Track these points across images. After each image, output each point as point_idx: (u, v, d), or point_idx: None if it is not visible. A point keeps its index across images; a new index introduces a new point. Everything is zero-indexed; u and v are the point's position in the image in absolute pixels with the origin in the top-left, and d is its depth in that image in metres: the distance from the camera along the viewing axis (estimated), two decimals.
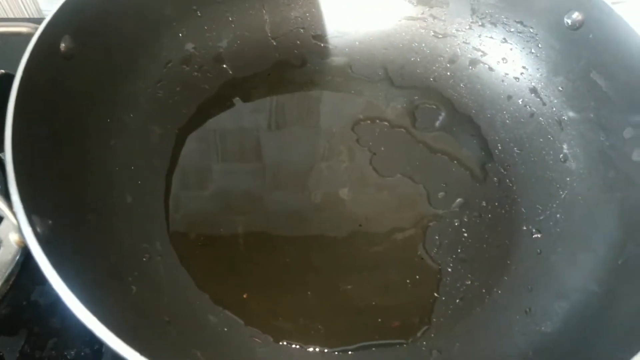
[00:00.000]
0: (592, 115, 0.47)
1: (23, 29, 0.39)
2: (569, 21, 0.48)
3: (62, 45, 0.39)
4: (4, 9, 0.70)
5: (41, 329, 0.42)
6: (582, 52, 0.48)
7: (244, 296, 0.41)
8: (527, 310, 0.40)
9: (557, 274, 0.42)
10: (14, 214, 0.30)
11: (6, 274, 0.43)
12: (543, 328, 0.39)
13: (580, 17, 0.47)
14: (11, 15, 0.71)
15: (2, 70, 0.43)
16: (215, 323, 0.39)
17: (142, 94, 0.48)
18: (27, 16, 0.71)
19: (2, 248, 0.44)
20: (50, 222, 0.32)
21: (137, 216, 0.43)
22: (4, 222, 0.45)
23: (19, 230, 0.29)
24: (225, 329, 0.39)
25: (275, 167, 0.50)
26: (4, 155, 0.32)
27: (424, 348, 0.39)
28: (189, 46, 0.52)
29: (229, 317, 0.40)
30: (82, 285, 0.30)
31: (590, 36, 0.46)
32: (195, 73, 0.52)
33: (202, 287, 0.41)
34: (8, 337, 0.41)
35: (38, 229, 0.30)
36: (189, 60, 0.52)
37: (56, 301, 0.42)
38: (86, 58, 0.42)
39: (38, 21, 0.38)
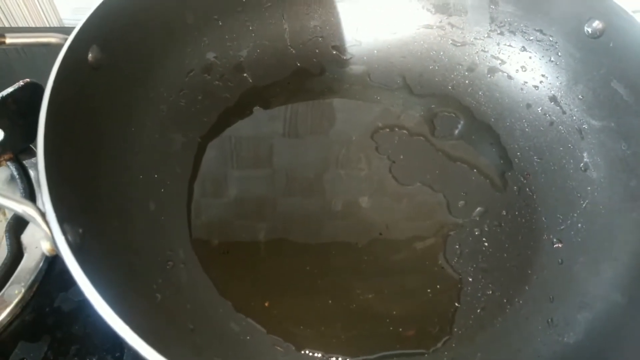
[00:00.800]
0: (612, 124, 0.47)
1: (52, 39, 0.40)
2: (589, 30, 0.48)
3: (90, 56, 0.40)
4: (25, 18, 0.71)
5: (64, 336, 0.43)
6: (602, 61, 0.47)
7: (266, 304, 0.41)
8: (549, 320, 0.40)
9: (579, 284, 0.41)
10: (47, 222, 0.30)
11: (30, 281, 0.44)
12: (566, 339, 0.38)
13: (600, 26, 0.47)
14: (32, 25, 0.72)
15: (28, 80, 0.44)
16: (238, 331, 0.39)
17: (164, 102, 0.49)
18: (48, 25, 0.72)
19: (26, 255, 0.45)
20: (80, 230, 0.32)
21: (160, 223, 0.43)
22: (28, 229, 0.46)
23: (52, 238, 0.30)
24: (248, 337, 0.39)
25: (294, 174, 0.50)
26: (37, 164, 0.33)
27: (445, 358, 0.39)
28: (211, 55, 0.53)
29: (251, 325, 0.40)
30: (111, 293, 0.31)
31: (611, 45, 0.46)
32: (217, 82, 0.53)
33: (225, 294, 0.41)
34: (31, 343, 0.41)
35: (69, 237, 0.31)
36: (211, 69, 0.53)
37: (79, 308, 0.44)
38: (112, 68, 0.42)
39: (61, 30, 0.39)
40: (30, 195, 0.47)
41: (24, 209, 0.31)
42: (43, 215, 0.31)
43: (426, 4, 0.56)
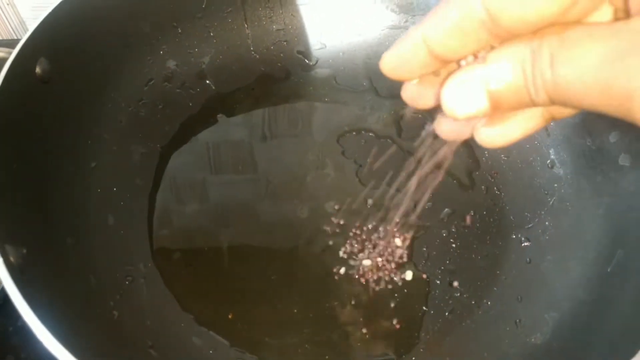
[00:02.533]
0: (577, 119, 0.46)
1: None
2: None
3: (38, 69, 0.39)
4: None
5: (28, 356, 0.41)
6: None
7: (229, 316, 0.40)
8: (517, 321, 0.40)
9: (547, 283, 0.41)
10: None
11: None
12: (533, 340, 0.38)
13: None
14: None
15: None
16: (200, 345, 0.38)
17: (123, 113, 0.48)
18: (13, 36, 0.71)
19: None
20: (24, 250, 0.31)
21: (120, 238, 0.42)
22: None
23: None
24: (211, 352, 0.38)
25: (260, 181, 0.49)
26: None
27: None
28: (171, 63, 0.52)
29: (214, 339, 0.39)
30: (59, 315, 0.30)
31: None
32: (178, 90, 0.52)
33: (187, 308, 0.40)
34: None
35: (11, 259, 0.29)
36: (171, 77, 0.52)
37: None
38: (64, 80, 0.41)
39: (6, 44, 0.38)
40: None
41: None
42: None
43: (390, 4, 0.56)
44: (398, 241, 0.44)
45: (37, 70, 0.39)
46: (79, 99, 0.43)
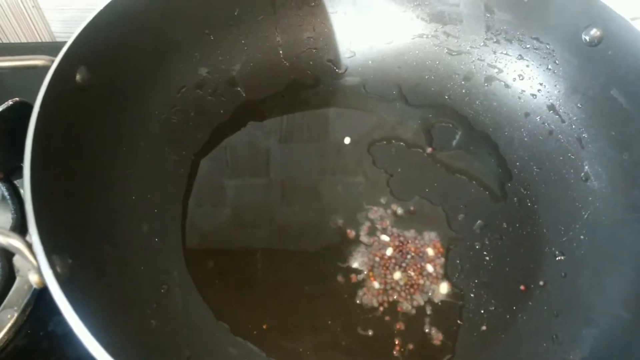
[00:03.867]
0: (613, 133, 0.46)
1: (39, 62, 0.39)
2: (587, 37, 0.47)
3: (78, 77, 0.39)
4: (16, 33, 0.70)
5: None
6: (601, 69, 0.47)
7: (264, 326, 0.40)
8: (554, 337, 0.39)
9: (584, 299, 0.41)
10: (34, 254, 0.29)
11: (23, 304, 0.43)
12: (571, 357, 0.38)
13: (598, 33, 0.46)
14: (22, 39, 0.71)
15: (17, 99, 0.43)
16: (236, 355, 0.38)
17: (156, 120, 0.48)
18: (39, 40, 0.71)
19: (18, 278, 0.44)
20: (70, 260, 0.31)
21: (154, 245, 0.42)
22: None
23: (39, 271, 0.29)
24: None
25: (292, 190, 0.49)
26: (22, 190, 0.32)
27: None
28: (203, 70, 0.52)
29: (250, 349, 0.39)
30: (102, 325, 0.30)
31: (610, 52, 0.46)
32: (209, 97, 0.52)
33: (222, 317, 0.40)
34: None
35: (58, 269, 0.30)
36: (203, 84, 0.52)
37: (73, 331, 0.43)
38: (101, 88, 0.41)
39: (50, 46, 0.38)
40: (21, 216, 0.47)
41: (9, 241, 0.30)
42: (30, 246, 0.30)
43: (421, 13, 0.55)
44: (431, 253, 0.44)
45: (77, 77, 0.39)
46: (115, 107, 0.43)
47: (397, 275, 0.43)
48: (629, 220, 0.43)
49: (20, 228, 0.45)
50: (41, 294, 0.44)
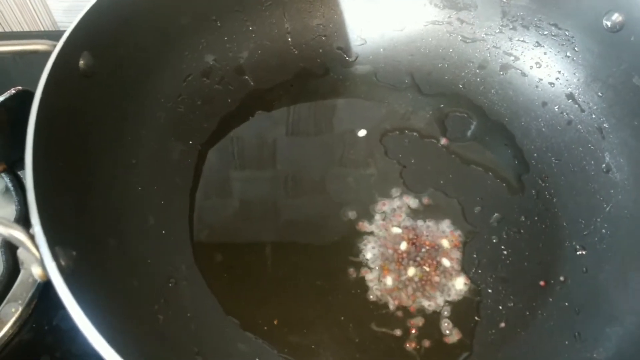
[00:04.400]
0: (635, 123, 0.44)
1: (40, 46, 0.37)
2: (608, 23, 0.45)
3: (81, 63, 0.38)
4: (19, 21, 0.69)
5: (63, 355, 0.41)
6: (622, 56, 0.45)
7: (275, 322, 0.39)
8: (576, 335, 0.38)
9: (606, 295, 0.39)
10: (36, 246, 0.28)
11: (27, 298, 0.42)
12: (595, 355, 0.36)
13: (620, 19, 0.44)
14: (25, 28, 0.70)
15: (20, 87, 0.42)
16: (246, 352, 0.37)
17: (162, 109, 0.46)
18: (42, 29, 0.70)
19: (22, 271, 0.43)
20: (74, 253, 0.30)
21: (161, 238, 0.41)
22: None
23: (42, 264, 0.27)
24: (257, 358, 0.37)
25: (301, 182, 0.48)
26: (24, 179, 0.31)
27: None
28: (209, 58, 0.51)
29: (260, 345, 0.38)
30: (106, 319, 0.28)
31: (632, 39, 0.44)
32: (216, 86, 0.51)
33: (231, 312, 0.39)
34: None
35: (62, 262, 0.28)
36: (210, 72, 0.50)
37: (78, 326, 0.42)
38: (106, 74, 0.40)
39: (53, 34, 0.37)
40: (25, 208, 0.45)
41: (11, 232, 0.28)
42: (32, 238, 0.28)
43: None
44: (446, 247, 0.43)
45: (81, 64, 0.38)
46: (119, 94, 0.42)
47: (412, 269, 0.42)
48: None
49: (24, 220, 0.44)
50: (46, 288, 0.43)
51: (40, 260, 0.28)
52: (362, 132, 0.50)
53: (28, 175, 0.30)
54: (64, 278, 0.27)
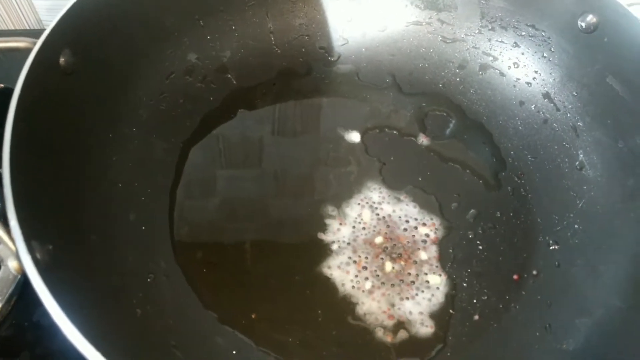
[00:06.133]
0: (608, 121, 0.45)
1: (21, 44, 0.38)
2: (583, 24, 0.46)
3: (62, 60, 0.38)
4: (3, 19, 0.69)
5: (44, 352, 0.41)
6: (597, 56, 0.46)
7: (253, 316, 0.39)
8: (547, 326, 0.39)
9: (577, 288, 0.40)
10: (12, 240, 0.28)
11: (7, 294, 0.42)
12: (565, 346, 0.37)
13: (594, 20, 0.45)
14: (10, 26, 0.70)
15: (1, 85, 0.42)
16: (224, 345, 0.38)
17: (144, 107, 0.47)
18: (27, 27, 0.70)
19: (2, 267, 0.43)
20: (50, 247, 0.30)
21: (141, 234, 0.42)
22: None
23: (17, 257, 0.28)
24: (234, 352, 0.37)
25: (282, 178, 0.49)
26: (2, 175, 0.31)
27: None
28: (192, 56, 0.51)
29: (238, 338, 0.38)
30: (83, 313, 0.29)
31: (605, 39, 0.45)
32: (199, 84, 0.51)
33: (209, 306, 0.40)
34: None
35: (38, 256, 0.29)
36: (192, 71, 0.51)
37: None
38: (87, 72, 0.40)
39: (37, 33, 0.37)
40: (3, 203, 0.46)
41: None
42: (8, 231, 0.29)
43: (414, 0, 0.55)
44: (423, 243, 0.44)
45: (61, 61, 0.38)
46: (101, 92, 0.42)
47: (388, 264, 0.42)
48: (624, 209, 0.42)
49: (3, 216, 0.44)
50: (26, 284, 0.43)
51: (16, 254, 0.28)
52: (343, 131, 0.51)
53: (5, 170, 0.31)
54: (40, 272, 0.28)
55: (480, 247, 0.44)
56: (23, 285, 0.43)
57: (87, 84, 0.41)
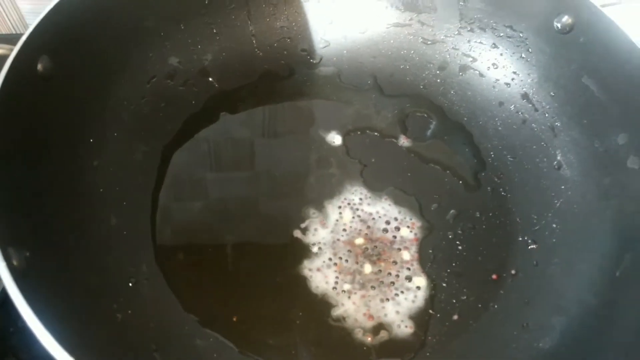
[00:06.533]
0: (585, 121, 0.46)
1: None
2: (559, 25, 0.47)
3: (40, 66, 0.38)
4: None
5: (28, 356, 0.41)
6: (572, 56, 0.47)
7: (234, 319, 0.40)
8: (524, 325, 0.39)
9: (554, 287, 0.41)
10: None
11: None
12: (541, 344, 0.38)
13: (570, 21, 0.46)
14: None
15: None
16: (204, 348, 0.38)
17: (125, 111, 0.47)
18: (12, 30, 0.70)
19: None
20: (27, 253, 0.31)
21: (122, 238, 0.42)
22: None
23: None
24: (215, 355, 0.38)
25: (264, 180, 0.49)
26: None
27: None
28: (173, 60, 0.51)
29: (219, 341, 0.38)
30: (62, 320, 0.29)
31: (581, 40, 0.45)
32: (181, 87, 0.51)
33: (190, 309, 0.40)
34: None
35: (14, 262, 0.29)
36: (174, 74, 0.51)
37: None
38: (66, 77, 0.40)
39: (19, 38, 0.37)
40: None
41: None
42: None
43: (395, 2, 0.55)
44: (403, 243, 0.44)
45: (39, 67, 0.38)
46: (81, 97, 0.42)
47: (368, 265, 0.43)
48: (600, 208, 0.43)
49: None
50: None
51: None
52: (325, 133, 0.51)
53: None
54: (16, 279, 0.28)
55: (460, 247, 0.44)
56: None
57: (66, 89, 0.41)
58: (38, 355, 0.40)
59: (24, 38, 0.37)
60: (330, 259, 0.43)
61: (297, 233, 0.44)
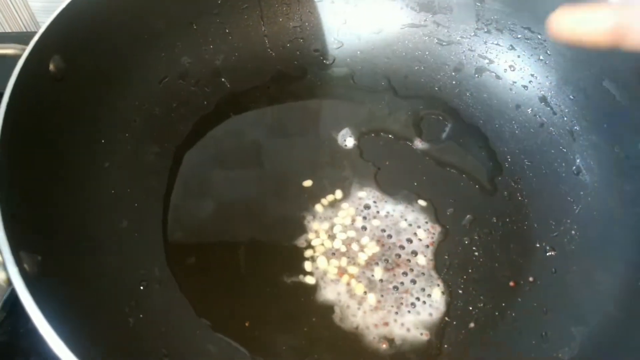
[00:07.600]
0: (605, 126, 0.45)
1: (9, 51, 0.37)
2: None
3: (52, 66, 0.38)
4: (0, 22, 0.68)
5: (38, 358, 0.41)
6: (593, 59, 0.45)
7: (246, 324, 0.39)
8: (543, 334, 0.38)
9: (573, 295, 0.40)
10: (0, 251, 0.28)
11: (2, 300, 0.42)
12: (560, 354, 0.37)
13: None
14: (7, 29, 0.69)
15: None
16: (216, 353, 0.37)
17: (137, 112, 0.46)
18: (23, 29, 0.70)
19: None
20: (39, 257, 0.30)
21: (134, 241, 0.41)
22: None
23: (4, 268, 0.28)
24: None
25: (276, 183, 0.48)
26: None
27: None
28: (185, 60, 0.51)
29: (231, 347, 0.38)
30: (72, 324, 0.29)
31: None
32: (192, 88, 0.51)
33: (203, 314, 0.39)
34: None
35: (26, 267, 0.28)
36: (186, 75, 0.50)
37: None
38: (78, 78, 0.40)
39: (30, 37, 0.36)
40: None
41: None
42: None
43: (410, 2, 0.54)
44: (418, 248, 0.43)
45: (51, 67, 0.38)
46: (92, 97, 0.42)
47: (383, 270, 0.42)
48: (621, 215, 0.42)
49: None
50: None
51: (3, 265, 0.28)
52: (338, 135, 0.51)
53: None
54: (27, 283, 0.27)
55: (477, 253, 0.43)
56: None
57: (78, 89, 0.40)
58: (48, 358, 0.40)
59: (36, 38, 0.36)
60: (343, 264, 0.42)
61: (310, 236, 0.44)
